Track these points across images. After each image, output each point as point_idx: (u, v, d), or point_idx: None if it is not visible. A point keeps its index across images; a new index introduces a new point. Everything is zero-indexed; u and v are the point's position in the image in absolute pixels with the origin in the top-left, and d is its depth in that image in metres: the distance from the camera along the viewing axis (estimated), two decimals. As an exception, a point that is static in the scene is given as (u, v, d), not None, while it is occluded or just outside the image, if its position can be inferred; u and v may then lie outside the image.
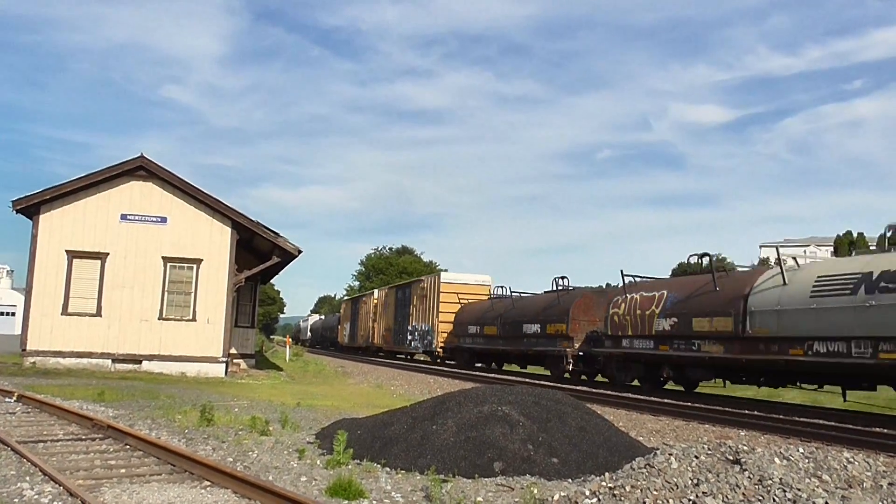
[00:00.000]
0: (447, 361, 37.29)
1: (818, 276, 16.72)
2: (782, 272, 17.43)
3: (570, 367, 26.54)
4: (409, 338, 40.14)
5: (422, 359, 40.94)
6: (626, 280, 23.97)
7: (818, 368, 16.58)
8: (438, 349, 36.68)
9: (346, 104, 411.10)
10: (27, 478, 7.25)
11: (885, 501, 5.67)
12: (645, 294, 22.60)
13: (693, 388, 22.93)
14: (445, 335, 36.28)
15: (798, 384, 18.53)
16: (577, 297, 27.33)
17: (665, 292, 21.83)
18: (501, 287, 34.57)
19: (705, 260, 20.34)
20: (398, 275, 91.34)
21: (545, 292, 30.56)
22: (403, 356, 43.26)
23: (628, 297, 23.20)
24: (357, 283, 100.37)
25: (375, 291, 52.86)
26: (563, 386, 21.68)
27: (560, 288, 27.99)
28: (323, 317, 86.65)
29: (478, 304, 35.05)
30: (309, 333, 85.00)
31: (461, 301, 35.94)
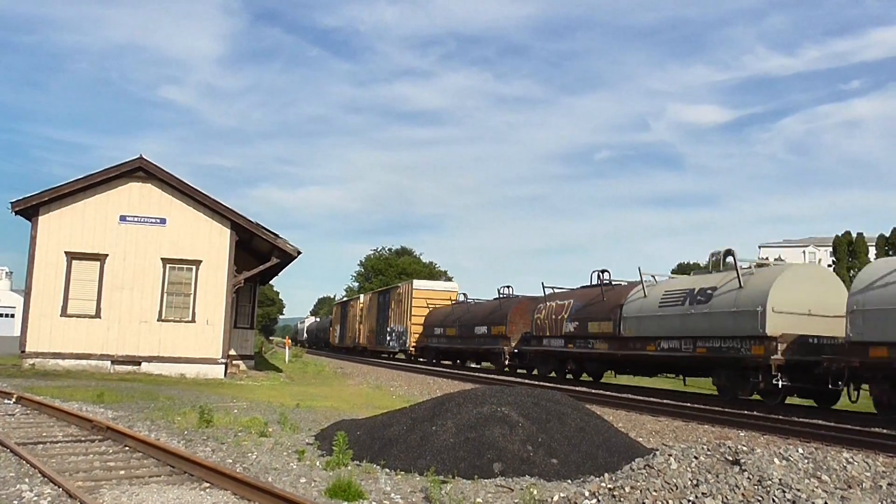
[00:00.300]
0: (419, 359, 41.42)
1: (665, 291, 22.10)
2: (643, 288, 22.79)
3: (507, 362, 31.51)
4: (388, 338, 44.39)
5: (402, 357, 44.33)
6: (547, 291, 29.05)
7: (664, 360, 22.03)
8: (411, 348, 41.21)
9: (345, 105, 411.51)
10: (26, 479, 7.24)
11: (884, 502, 5.67)
12: (559, 302, 27.61)
13: (598, 380, 27.69)
14: (417, 336, 40.88)
15: (659, 374, 24.34)
16: (515, 303, 32.19)
17: (572, 301, 26.79)
18: (464, 294, 40.76)
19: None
20: (397, 276, 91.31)
21: (493, 299, 35.42)
22: (385, 355, 46.52)
23: (547, 304, 28.17)
24: (356, 284, 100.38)
25: (361, 296, 56.41)
26: (561, 386, 21.72)
27: (503, 296, 32.16)
28: (318, 319, 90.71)
29: (443, 309, 39.65)
30: (305, 335, 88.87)
31: (429, 306, 40.84)
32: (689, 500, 5.66)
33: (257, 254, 26.83)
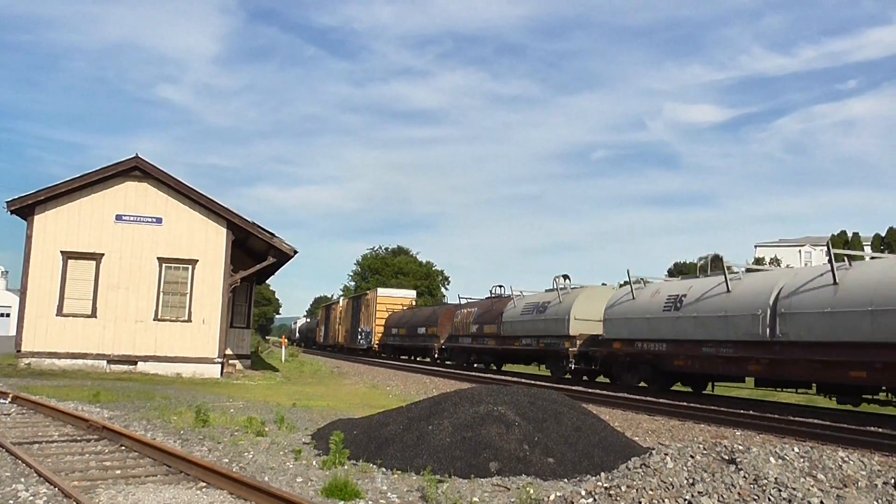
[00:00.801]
0: (381, 354, 48.70)
1: (525, 304, 30.84)
2: (514, 302, 32.05)
3: (436, 356, 40.06)
4: (359, 337, 51.74)
5: (371, 353, 50.69)
6: (462, 300, 40.38)
7: (525, 353, 30.99)
8: (375, 345, 49.03)
9: (342, 104, 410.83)
10: (22, 479, 7.23)
11: (879, 501, 5.69)
12: (469, 310, 37.13)
13: (500, 369, 35.74)
14: (380, 335, 48.60)
15: (532, 364, 34.01)
16: (444, 310, 41.47)
17: (476, 309, 36.35)
18: (422, 298, 51.22)
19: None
20: (394, 275, 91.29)
21: (433, 306, 45.55)
22: (359, 352, 52.14)
23: (462, 311, 37.82)
24: (353, 284, 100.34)
25: (341, 300, 63.75)
26: (559, 386, 21.77)
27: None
28: (308, 320, 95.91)
29: (399, 313, 47.79)
30: (297, 334, 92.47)
31: (389, 311, 48.72)
32: (685, 499, 5.67)
33: (254, 253, 26.80)
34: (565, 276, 29.84)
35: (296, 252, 25.01)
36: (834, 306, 16.24)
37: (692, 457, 6.35)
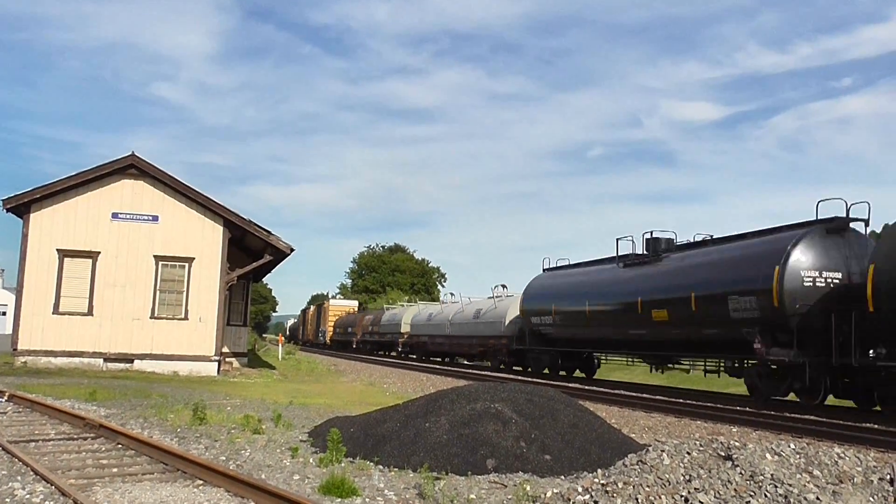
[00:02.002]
0: (331, 346, 64.89)
1: (414, 314, 45.83)
2: (418, 309, 48.21)
3: (354, 347, 56.82)
4: (319, 335, 70.07)
5: (327, 346, 66.62)
6: (363, 310, 64.14)
7: (387, 343, 50.22)
8: (328, 340, 66.11)
9: (338, 102, 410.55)
10: (18, 477, 7.22)
11: (875, 496, 5.71)
12: (368, 316, 55.54)
13: (391, 353, 50.07)
14: (330, 333, 65.89)
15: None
16: (362, 315, 59.86)
17: (373, 315, 54.16)
18: (419, 295, 68.97)
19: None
20: (390, 272, 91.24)
21: (356, 314, 63.76)
22: (319, 345, 68.59)
23: (365, 316, 56.86)
24: (350, 282, 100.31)
25: (311, 307, 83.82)
26: (555, 383, 21.79)
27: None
28: (295, 320, 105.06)
29: (342, 317, 65.13)
30: (289, 332, 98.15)
31: (336, 315, 66.19)
32: (681, 496, 5.68)
33: (250, 251, 26.77)
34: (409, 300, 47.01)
35: (292, 250, 25.00)
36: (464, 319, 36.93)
37: (689, 453, 6.36)
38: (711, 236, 21.60)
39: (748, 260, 18.54)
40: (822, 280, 17.20)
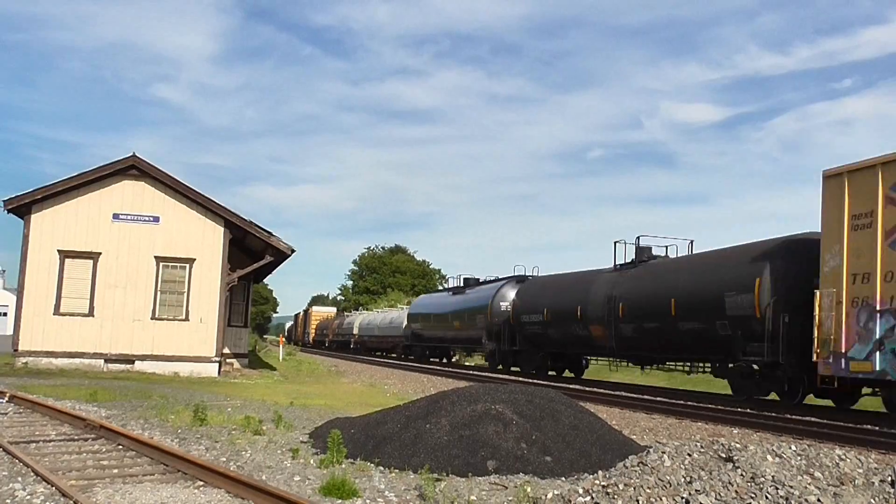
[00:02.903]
0: (313, 345, 77.05)
1: (360, 320, 61.41)
2: (354, 315, 66.48)
3: (326, 345, 69.32)
4: (305, 336, 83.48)
5: (313, 346, 77.41)
6: (338, 315, 75.84)
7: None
8: (311, 340, 79.29)
9: (338, 103, 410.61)
10: (19, 478, 7.22)
11: (876, 498, 5.70)
12: (337, 320, 70.72)
13: (349, 350, 60.06)
14: (313, 334, 79.76)
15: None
16: (333, 319, 72.84)
17: (338, 319, 70.59)
18: (338, 312, 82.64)
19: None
20: (391, 274, 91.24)
21: (332, 319, 76.71)
22: (305, 344, 79.87)
23: (335, 321, 71.15)
24: (350, 283, 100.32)
25: (301, 312, 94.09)
26: (557, 385, 21.78)
27: (338, 315, 63.31)
28: (293, 322, 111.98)
29: (322, 321, 78.48)
30: (287, 333, 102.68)
31: (318, 320, 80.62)
32: (682, 497, 5.67)
33: (251, 252, 26.78)
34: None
35: (293, 251, 25.01)
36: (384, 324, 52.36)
37: (689, 455, 6.36)
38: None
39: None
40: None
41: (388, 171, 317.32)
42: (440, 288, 47.70)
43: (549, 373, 29.07)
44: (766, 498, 5.53)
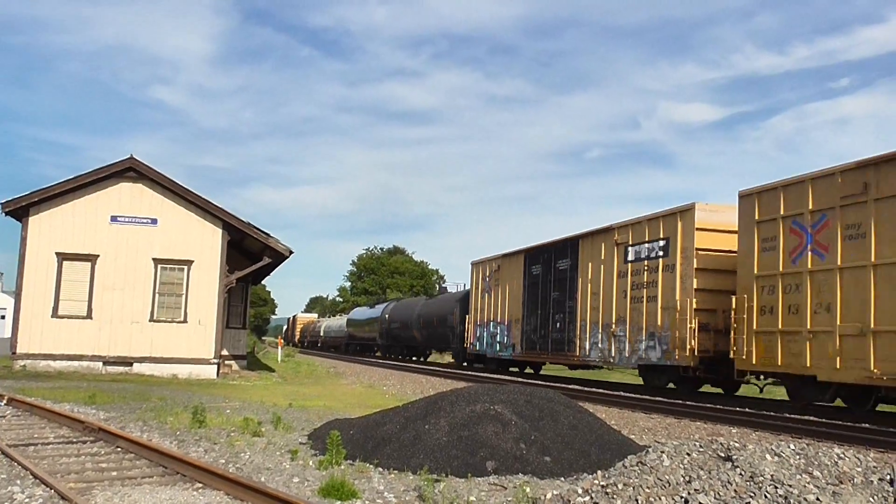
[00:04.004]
0: (299, 345, 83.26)
1: (325, 324, 77.40)
2: (327, 318, 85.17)
3: (306, 344, 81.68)
4: (294, 338, 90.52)
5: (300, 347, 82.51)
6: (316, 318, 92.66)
7: (330, 342, 71.17)
8: (297, 341, 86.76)
9: (336, 104, 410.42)
10: (18, 481, 7.21)
11: (875, 497, 5.70)
12: (312, 324, 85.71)
13: (316, 346, 75.50)
14: (298, 336, 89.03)
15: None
16: (312, 324, 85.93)
17: (321, 322, 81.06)
18: (318, 318, 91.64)
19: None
20: (390, 275, 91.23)
21: (312, 322, 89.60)
22: (295, 345, 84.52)
23: (311, 325, 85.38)
24: (349, 284, 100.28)
25: (291, 316, 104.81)
26: (556, 385, 21.77)
27: (319, 319, 78.39)
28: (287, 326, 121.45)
29: (305, 325, 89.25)
30: (283, 334, 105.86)
31: (302, 324, 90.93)
32: (681, 497, 5.67)
33: (249, 254, 26.77)
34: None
35: (291, 252, 25.00)
36: (336, 328, 70.04)
37: (688, 454, 6.36)
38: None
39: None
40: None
41: (387, 172, 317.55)
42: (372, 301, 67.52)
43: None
44: (765, 497, 5.53)
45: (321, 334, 74.66)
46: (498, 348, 30.43)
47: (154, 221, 23.75)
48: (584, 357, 24.18)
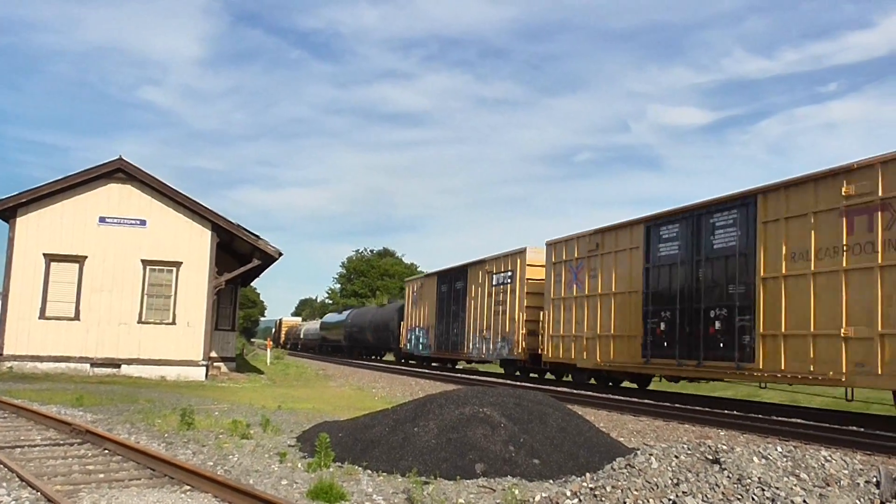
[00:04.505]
0: (284, 347, 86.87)
1: (304, 328, 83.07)
2: (301, 326, 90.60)
3: (289, 346, 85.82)
4: (280, 339, 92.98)
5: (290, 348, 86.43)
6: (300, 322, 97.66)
7: (306, 343, 78.07)
8: (282, 343, 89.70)
9: (326, 106, 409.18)
10: (4, 483, 7.16)
11: (861, 499, 5.73)
12: (294, 328, 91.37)
13: (297, 347, 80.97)
14: (283, 339, 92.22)
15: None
16: (293, 329, 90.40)
17: (304, 325, 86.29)
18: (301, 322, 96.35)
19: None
20: (380, 277, 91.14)
21: (295, 325, 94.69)
22: (282, 346, 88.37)
23: (293, 328, 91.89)
24: (338, 286, 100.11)
25: (278, 319, 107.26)
26: (543, 387, 21.84)
27: (301, 323, 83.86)
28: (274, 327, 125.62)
29: (289, 328, 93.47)
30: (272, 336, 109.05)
31: (287, 327, 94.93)
32: (669, 499, 5.69)
33: (238, 255, 26.70)
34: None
35: (281, 254, 24.95)
36: (313, 331, 76.24)
37: (677, 457, 6.38)
38: None
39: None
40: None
41: (377, 174, 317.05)
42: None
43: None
44: (753, 499, 5.56)
45: (301, 336, 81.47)
46: (421, 348, 38.91)
47: (143, 223, 23.66)
48: (468, 354, 32.77)
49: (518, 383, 24.45)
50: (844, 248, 14.76)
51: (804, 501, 5.50)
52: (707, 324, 18.05)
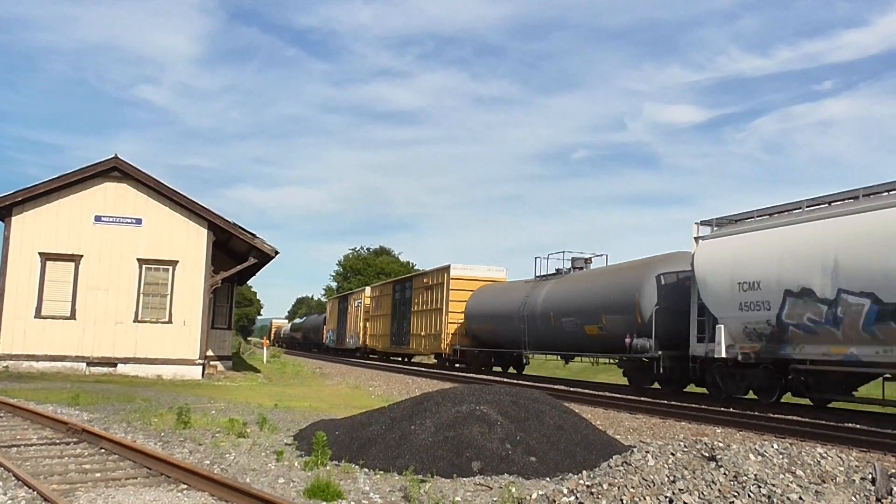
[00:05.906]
0: (275, 345, 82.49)
1: (287, 327, 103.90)
2: (282, 327, 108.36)
3: (280, 344, 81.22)
4: (272, 338, 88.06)
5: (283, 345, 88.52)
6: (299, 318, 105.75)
7: (290, 342, 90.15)
8: (273, 342, 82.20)
9: (322, 105, 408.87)
10: (0, 483, 7.15)
11: (857, 496, 5.75)
12: (283, 327, 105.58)
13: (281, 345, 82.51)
14: (273, 337, 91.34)
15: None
16: (285, 327, 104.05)
17: (284, 327, 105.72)
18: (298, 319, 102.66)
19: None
20: (376, 275, 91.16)
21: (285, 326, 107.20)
22: (278, 345, 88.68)
23: (283, 327, 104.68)
24: (335, 285, 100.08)
25: (270, 321, 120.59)
26: (541, 385, 21.84)
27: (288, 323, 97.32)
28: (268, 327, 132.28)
29: (279, 328, 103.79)
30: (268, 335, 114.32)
31: (277, 328, 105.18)
32: (665, 497, 5.70)
33: (235, 254, 26.66)
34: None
35: (277, 253, 24.92)
36: (291, 331, 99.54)
37: (673, 454, 6.39)
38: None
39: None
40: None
41: (373, 172, 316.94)
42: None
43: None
44: (749, 496, 5.57)
45: (282, 335, 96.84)
46: (330, 343, 53.26)
47: (139, 221, 23.62)
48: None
49: (516, 382, 24.44)
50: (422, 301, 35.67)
51: (800, 498, 5.52)
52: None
